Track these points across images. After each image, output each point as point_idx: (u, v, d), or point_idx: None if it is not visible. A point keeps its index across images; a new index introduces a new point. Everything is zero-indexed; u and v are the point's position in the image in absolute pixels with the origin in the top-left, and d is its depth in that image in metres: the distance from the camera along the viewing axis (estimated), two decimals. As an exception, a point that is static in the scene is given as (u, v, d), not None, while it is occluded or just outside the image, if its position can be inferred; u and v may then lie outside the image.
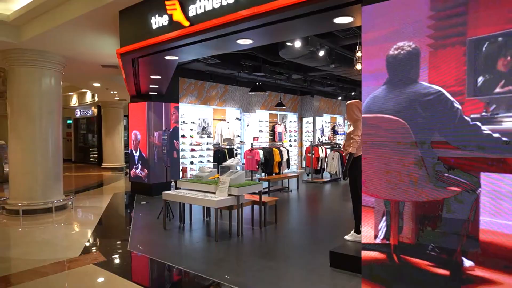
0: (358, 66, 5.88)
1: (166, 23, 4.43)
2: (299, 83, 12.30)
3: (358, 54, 5.67)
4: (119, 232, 6.22)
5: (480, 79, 2.21)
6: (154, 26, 4.57)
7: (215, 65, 9.22)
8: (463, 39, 2.27)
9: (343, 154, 4.77)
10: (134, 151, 9.37)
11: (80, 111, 20.22)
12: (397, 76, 2.58)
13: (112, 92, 13.08)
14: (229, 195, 5.56)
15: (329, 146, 12.53)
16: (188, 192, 5.94)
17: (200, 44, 4.38)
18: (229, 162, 6.18)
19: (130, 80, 7.07)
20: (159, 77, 6.65)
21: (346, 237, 4.79)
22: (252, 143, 10.66)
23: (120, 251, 5.03)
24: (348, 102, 4.73)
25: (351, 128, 4.65)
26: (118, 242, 5.47)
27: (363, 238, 3.06)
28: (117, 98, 14.37)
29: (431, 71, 2.39)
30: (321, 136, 15.33)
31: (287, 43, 6.08)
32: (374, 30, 2.70)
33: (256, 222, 6.25)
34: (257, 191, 6.01)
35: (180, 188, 6.36)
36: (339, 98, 16.26)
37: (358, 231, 4.70)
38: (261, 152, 10.12)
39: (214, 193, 5.72)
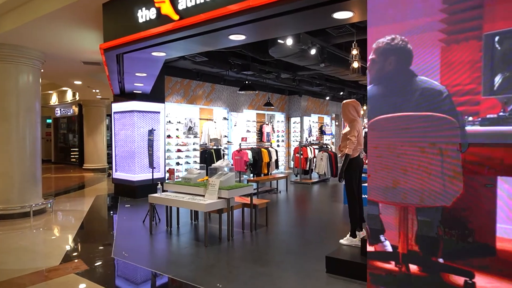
0: (355, 64, 5.75)
1: (153, 16, 4.18)
2: (287, 82, 12.14)
3: (354, 52, 5.53)
4: (102, 237, 5.91)
5: (498, 77, 2.06)
6: (140, 20, 4.31)
7: (202, 63, 8.97)
8: (479, 33, 2.12)
9: (339, 155, 4.59)
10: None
11: (60, 110, 19.60)
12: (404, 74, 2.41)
13: (94, 91, 12.65)
14: (219, 198, 5.34)
15: (317, 147, 12.42)
16: (176, 195, 5.69)
17: (190, 39, 4.14)
18: (218, 163, 5.96)
19: (113, 78, 6.75)
20: (145, 74, 6.36)
21: (342, 241, 4.63)
22: (240, 143, 10.45)
23: (103, 258, 4.74)
24: (344, 101, 4.57)
25: (347, 129, 4.49)
26: (102, 248, 5.18)
27: (368, 246, 2.88)
28: (100, 96, 13.93)
29: (443, 68, 2.23)
30: (309, 136, 15.22)
31: (279, 41, 5.90)
32: (380, 25, 2.53)
33: (246, 225, 6.05)
34: (248, 194, 5.82)
35: (167, 191, 6.10)
36: (327, 98, 16.20)
37: (353, 235, 4.54)
38: (249, 153, 9.92)
39: (203, 196, 5.50)
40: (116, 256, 4.75)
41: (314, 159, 12.12)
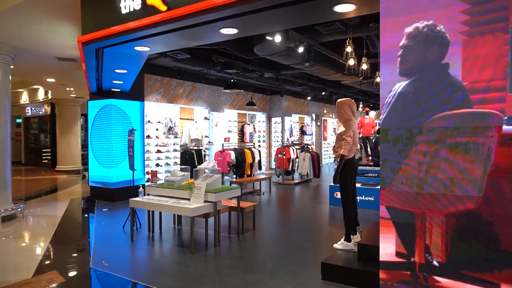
0: (351, 62, 5.59)
1: (138, 7, 3.86)
2: (269, 82, 11.94)
3: (349, 49, 5.37)
4: (79, 245, 5.51)
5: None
6: (123, 11, 3.98)
7: (183, 61, 8.63)
8: (505, 25, 1.96)
9: (334, 156, 4.41)
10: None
11: (31, 109, 18.69)
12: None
13: (68, 89, 12.06)
14: (205, 201, 5.07)
15: (298, 147, 12.29)
16: (159, 199, 5.37)
17: (178, 33, 3.86)
18: (204, 165, 5.67)
19: (91, 75, 6.35)
20: (125, 71, 6.00)
21: (336, 245, 4.45)
22: (223, 144, 10.17)
23: (81, 268, 4.38)
24: (339, 100, 4.39)
25: (342, 129, 4.31)
26: (78, 257, 4.81)
27: (381, 255, 2.69)
28: (74, 95, 13.32)
29: (465, 63, 2.06)
30: (290, 137, 15.09)
31: (267, 37, 5.68)
32: (394, 16, 2.34)
33: (233, 229, 5.79)
34: (235, 196, 5.57)
35: (149, 194, 5.76)
36: (308, 98, 16.12)
37: (348, 239, 4.37)
38: (232, 153, 9.66)
39: (188, 199, 5.21)
40: (94, 266, 4.40)
41: (297, 160, 12.00)
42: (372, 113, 12.95)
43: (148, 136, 9.79)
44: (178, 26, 3.72)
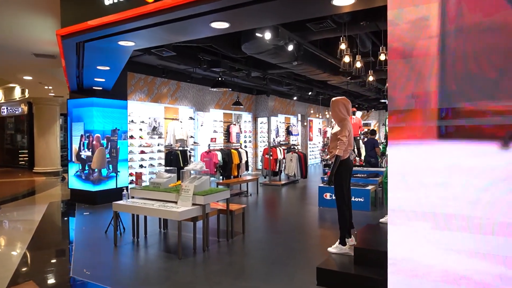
0: (346, 59, 5.46)
1: (122, -2, 3.62)
2: (255, 81, 11.76)
3: (343, 46, 5.24)
4: (58, 252, 5.20)
5: None
6: (107, 2, 3.72)
7: (168, 59, 8.36)
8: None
9: (328, 157, 4.25)
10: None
11: (6, 108, 17.97)
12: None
13: (46, 87, 11.58)
14: (193, 204, 4.85)
15: (285, 147, 12.16)
16: (144, 202, 5.11)
17: (166, 26, 3.63)
18: (191, 166, 5.44)
19: (71, 72, 6.04)
20: (107, 68, 5.71)
21: (330, 249, 4.29)
22: (209, 144, 9.93)
23: (60, 278, 4.09)
24: (334, 99, 4.24)
25: (337, 128, 4.16)
26: (58, 265, 4.51)
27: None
28: (53, 94, 12.82)
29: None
30: (276, 137, 14.95)
31: (256, 34, 5.50)
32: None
33: (222, 233, 5.58)
34: (225, 199, 5.36)
35: (133, 197, 5.49)
36: (295, 98, 16.02)
37: (343, 243, 4.23)
38: (219, 154, 9.43)
39: (175, 202, 4.97)
40: (75, 274, 4.12)
41: (284, 160, 11.86)
42: (359, 114, 12.95)
43: (132, 137, 9.48)
44: (166, 19, 3.49)
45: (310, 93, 13.86)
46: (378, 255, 3.77)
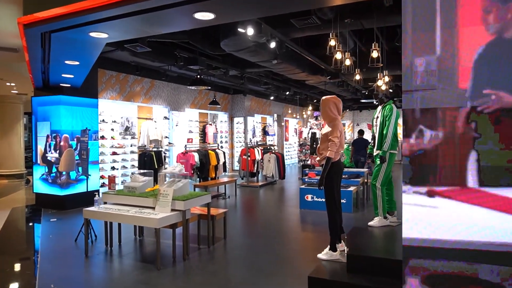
0: (338, 55, 5.26)
1: (95, -18, 3.25)
2: (232, 80, 11.47)
3: (332, 43, 5.05)
4: (22, 263, 4.72)
5: None
6: (76, -13, 3.34)
7: (142, 56, 7.93)
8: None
9: (318, 159, 4.04)
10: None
11: (-35, 107, 16.78)
12: None
13: (8, 84, 10.80)
14: (172, 210, 4.51)
15: (262, 148, 11.94)
16: (118, 208, 4.72)
17: (145, 16, 3.28)
18: (170, 168, 5.09)
19: (36, 67, 5.54)
20: (77, 63, 5.26)
21: (320, 255, 4.08)
22: (186, 145, 9.55)
23: (24, 295, 3.67)
24: (324, 98, 4.03)
25: (328, 129, 3.95)
26: (21, 279, 4.06)
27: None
28: (16, 91, 12.01)
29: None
30: (253, 137, 14.71)
31: (239, 29, 5.22)
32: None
33: (202, 239, 5.25)
34: (206, 203, 5.05)
35: (106, 203, 5.08)
36: (271, 98, 15.83)
37: (333, 249, 4.02)
38: (196, 155, 9.08)
39: (153, 208, 4.62)
40: (42, 290, 3.71)
41: (262, 161, 11.63)
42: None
43: (103, 137, 8.96)
44: (144, 7, 3.15)
45: (287, 92, 13.71)
46: (372, 261, 3.59)
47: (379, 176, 4.78)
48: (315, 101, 18.64)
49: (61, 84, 7.22)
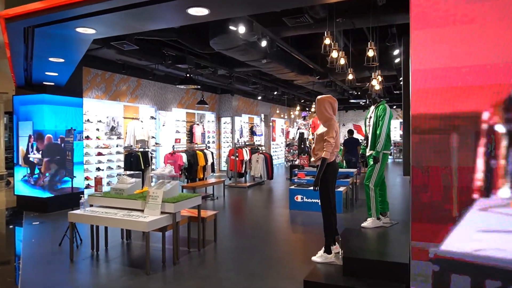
0: (334, 54, 5.19)
1: (82, -25, 3.09)
2: (220, 80, 11.34)
3: (327, 41, 4.98)
4: (3, 270, 4.51)
5: None
6: (62, -21, 3.18)
7: (129, 54, 7.74)
8: None
9: (312, 160, 3.96)
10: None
11: None
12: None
13: (-12, 82, 10.44)
14: (162, 212, 4.37)
15: (249, 148, 11.84)
16: (105, 211, 4.55)
17: (135, 11, 3.14)
18: (159, 170, 4.95)
19: (18, 64, 5.31)
20: (62, 60, 5.05)
21: (315, 258, 4.01)
22: (174, 145, 9.37)
23: (6, 304, 3.48)
24: (319, 97, 3.96)
25: (324, 129, 3.88)
26: (2, 286, 3.87)
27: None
28: (-5, 90, 11.62)
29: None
30: (240, 137, 14.60)
31: (230, 27, 5.11)
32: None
33: (192, 242, 5.12)
34: (196, 205, 4.92)
35: (92, 205, 4.90)
36: (259, 98, 15.74)
37: (328, 251, 3.95)
38: (184, 156, 8.91)
39: (142, 211, 4.47)
40: (24, 299, 3.52)
41: (250, 161, 11.53)
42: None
43: (88, 137, 8.72)
44: (135, 1, 3.02)
45: (275, 92, 13.65)
46: (368, 264, 3.53)
47: (372, 177, 4.75)
48: (302, 101, 18.65)
49: (44, 83, 6.97)
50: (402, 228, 4.80)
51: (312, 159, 3.98)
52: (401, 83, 11.14)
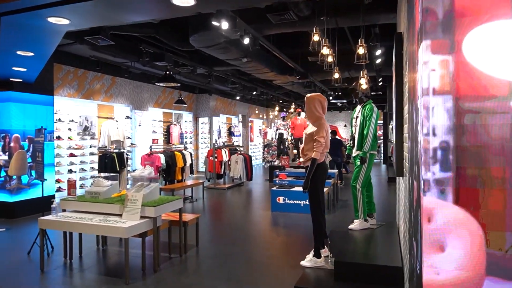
0: (325, 50, 5.05)
1: (55, -41, 2.82)
2: (198, 79, 11.07)
3: (315, 38, 4.84)
4: (-36, 282, 4.12)
5: None
6: (33, -37, 2.89)
7: (103, 50, 7.38)
8: None
9: (302, 160, 3.82)
10: None
11: None
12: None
13: None
14: (141, 217, 4.11)
15: (228, 149, 11.63)
16: (80, 217, 4.24)
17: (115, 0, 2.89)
18: (138, 172, 4.68)
19: (-19, 58, 4.89)
20: (31, 54, 4.69)
21: (304, 263, 3.87)
22: (151, 146, 9.04)
23: (-33, 321, 3.14)
24: (308, 95, 3.82)
25: (313, 128, 3.74)
26: (-36, 303, 3.51)
27: None
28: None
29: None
30: (218, 138, 14.36)
31: (213, 22, 4.90)
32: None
33: (174, 247, 4.88)
34: (178, 209, 4.68)
35: (65, 210, 4.58)
36: (237, 98, 15.54)
37: (318, 255, 3.82)
38: (162, 157, 8.60)
39: (120, 215, 4.19)
40: (-11, 315, 3.20)
41: (229, 162, 11.32)
42: (303, 114, 12.85)
43: (59, 137, 8.27)
44: (115, -11, 2.78)
45: (254, 92, 13.49)
46: (360, 268, 3.42)
47: (359, 178, 4.65)
48: (281, 101, 18.59)
49: (11, 79, 6.52)
50: (389, 229, 4.73)
51: (301, 159, 3.83)
52: (380, 84, 11.23)
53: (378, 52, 6.77)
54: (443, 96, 1.25)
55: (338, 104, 18.12)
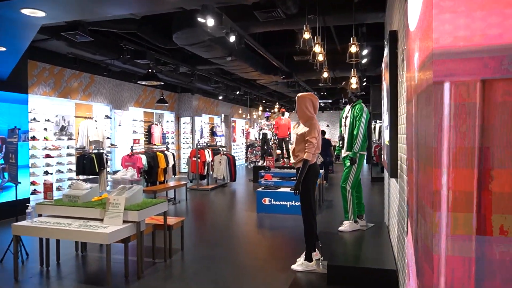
0: (317, 48, 4.93)
1: None
2: (180, 78, 10.83)
3: (306, 36, 4.72)
4: None
5: None
6: None
7: (81, 47, 7.07)
8: None
9: (293, 161, 3.70)
10: None
11: None
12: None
13: None
14: (124, 221, 3.91)
15: (211, 149, 11.45)
16: (58, 222, 3.99)
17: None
18: (120, 174, 4.46)
19: None
20: (3, 49, 4.40)
21: (295, 266, 3.75)
22: (132, 146, 8.75)
23: None
24: (300, 94, 3.70)
25: (304, 128, 3.63)
26: None
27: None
28: None
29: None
30: (201, 138, 14.13)
31: (199, 18, 4.73)
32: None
33: (158, 251, 4.67)
34: (162, 212, 4.49)
35: (41, 215, 4.31)
36: (220, 97, 15.35)
37: (309, 259, 3.71)
38: (144, 158, 8.34)
39: (101, 220, 3.97)
40: (-43, 331, 2.94)
41: (212, 163, 11.13)
42: (287, 114, 12.79)
43: (34, 138, 7.89)
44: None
45: (237, 92, 13.33)
46: (354, 272, 3.33)
47: (349, 179, 4.58)
48: (264, 101, 18.49)
49: (-18, 76, 6.17)
50: (378, 230, 4.68)
51: (292, 160, 3.71)
52: (364, 84, 11.26)
53: (365, 52, 6.74)
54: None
55: (321, 104, 18.17)
